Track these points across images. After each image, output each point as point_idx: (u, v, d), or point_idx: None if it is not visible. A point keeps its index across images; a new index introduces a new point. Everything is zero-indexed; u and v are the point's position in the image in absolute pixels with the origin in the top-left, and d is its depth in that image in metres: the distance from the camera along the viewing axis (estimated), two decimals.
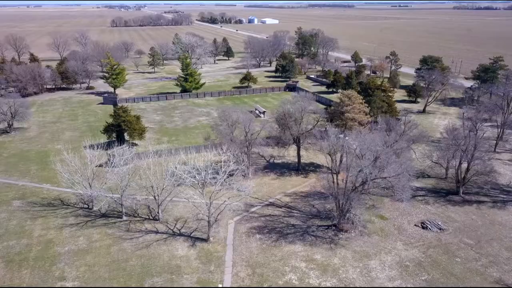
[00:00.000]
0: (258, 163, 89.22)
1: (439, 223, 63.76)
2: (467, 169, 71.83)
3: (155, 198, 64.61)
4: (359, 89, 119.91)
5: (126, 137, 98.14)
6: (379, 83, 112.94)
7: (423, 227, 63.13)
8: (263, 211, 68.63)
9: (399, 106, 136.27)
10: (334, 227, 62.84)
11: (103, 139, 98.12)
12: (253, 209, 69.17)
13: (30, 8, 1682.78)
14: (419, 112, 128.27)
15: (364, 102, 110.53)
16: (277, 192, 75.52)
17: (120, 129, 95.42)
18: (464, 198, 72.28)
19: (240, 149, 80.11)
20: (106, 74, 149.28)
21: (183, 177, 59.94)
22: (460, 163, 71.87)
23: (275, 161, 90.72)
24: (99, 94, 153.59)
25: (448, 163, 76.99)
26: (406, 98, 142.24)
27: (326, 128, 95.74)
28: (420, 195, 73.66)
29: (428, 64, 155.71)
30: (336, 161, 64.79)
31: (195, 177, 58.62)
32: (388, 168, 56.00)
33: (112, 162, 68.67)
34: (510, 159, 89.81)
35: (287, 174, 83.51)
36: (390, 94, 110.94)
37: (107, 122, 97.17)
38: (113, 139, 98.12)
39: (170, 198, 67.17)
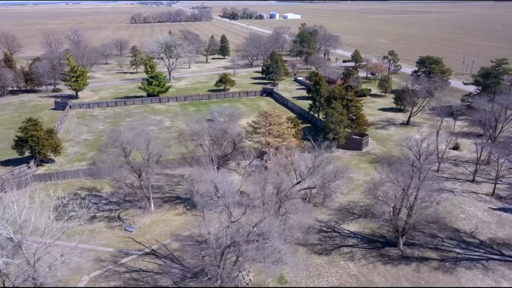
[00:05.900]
0: (176, 190, 74.76)
1: None
2: (408, 216, 54.21)
3: None
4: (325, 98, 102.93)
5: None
6: (345, 91, 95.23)
7: None
8: (135, 264, 54.06)
9: (383, 115, 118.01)
10: None
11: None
12: (124, 260, 54.80)
13: (68, 6, 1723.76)
14: (402, 124, 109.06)
15: (325, 115, 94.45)
16: (170, 234, 60.67)
17: (31, 145, 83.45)
18: (404, 253, 54.86)
19: (139, 175, 66.10)
20: (67, 77, 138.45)
21: None
22: (399, 208, 54.53)
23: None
24: (60, 97, 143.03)
25: (395, 202, 59.57)
26: (394, 105, 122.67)
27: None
28: (347, 245, 56.89)
29: (426, 66, 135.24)
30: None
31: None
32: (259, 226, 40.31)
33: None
34: (489, 193, 70.47)
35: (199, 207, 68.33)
36: (357, 105, 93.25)
37: (17, 136, 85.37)
38: (28, 155, 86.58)
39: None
